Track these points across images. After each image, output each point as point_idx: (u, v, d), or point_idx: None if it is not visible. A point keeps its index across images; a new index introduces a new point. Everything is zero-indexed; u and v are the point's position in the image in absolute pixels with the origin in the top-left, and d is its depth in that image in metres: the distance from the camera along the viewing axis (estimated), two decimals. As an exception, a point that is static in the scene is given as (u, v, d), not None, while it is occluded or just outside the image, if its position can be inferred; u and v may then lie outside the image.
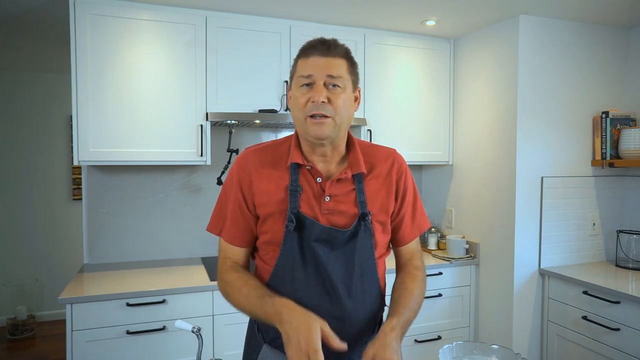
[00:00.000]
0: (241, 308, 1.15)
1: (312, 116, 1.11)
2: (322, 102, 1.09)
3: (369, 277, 1.20)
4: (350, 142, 1.23)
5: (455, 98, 3.00)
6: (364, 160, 1.20)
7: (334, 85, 1.11)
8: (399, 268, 1.30)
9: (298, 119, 1.15)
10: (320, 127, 1.11)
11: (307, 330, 0.98)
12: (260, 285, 1.15)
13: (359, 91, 1.21)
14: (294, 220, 1.13)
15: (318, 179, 1.17)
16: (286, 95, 1.24)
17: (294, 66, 1.17)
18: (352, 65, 1.16)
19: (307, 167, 1.17)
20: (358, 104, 1.20)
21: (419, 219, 1.30)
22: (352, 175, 1.18)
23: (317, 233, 1.13)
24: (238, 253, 1.23)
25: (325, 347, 1.15)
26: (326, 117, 1.11)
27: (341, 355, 1.17)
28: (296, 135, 1.22)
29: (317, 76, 1.10)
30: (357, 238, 1.16)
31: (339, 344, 1.00)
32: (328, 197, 1.16)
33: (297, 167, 1.17)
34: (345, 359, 1.18)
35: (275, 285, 1.17)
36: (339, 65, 1.12)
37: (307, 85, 1.12)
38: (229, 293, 1.18)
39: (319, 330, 0.98)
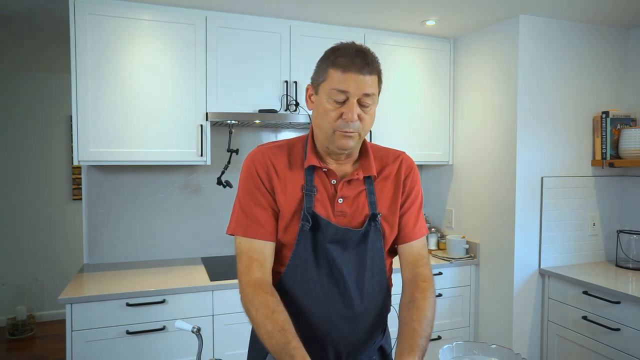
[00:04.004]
0: (261, 336, 1.07)
1: (340, 130, 1.10)
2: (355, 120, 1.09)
3: (379, 278, 1.20)
4: (362, 145, 1.23)
5: (455, 98, 3.00)
6: (375, 163, 1.22)
7: (365, 103, 1.10)
8: (405, 274, 1.24)
9: (324, 130, 1.12)
10: (347, 140, 1.11)
11: None
12: (286, 323, 1.05)
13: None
14: (310, 220, 1.13)
15: (333, 181, 1.18)
16: (305, 96, 1.21)
17: (324, 73, 1.11)
18: (380, 78, 1.15)
19: (324, 170, 1.17)
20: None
21: (421, 222, 1.28)
22: (364, 177, 1.19)
23: (331, 234, 1.13)
24: (263, 250, 1.15)
25: (334, 346, 1.15)
26: (354, 132, 1.11)
27: (351, 356, 1.17)
28: (311, 136, 1.21)
29: (353, 93, 1.08)
30: (368, 239, 1.16)
31: None
32: (341, 199, 1.16)
33: (312, 168, 1.17)
34: None
35: (287, 286, 1.16)
36: (373, 82, 1.10)
37: (339, 100, 1.09)
38: (251, 315, 1.10)
39: None
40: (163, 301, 2.14)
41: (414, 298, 1.16)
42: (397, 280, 1.30)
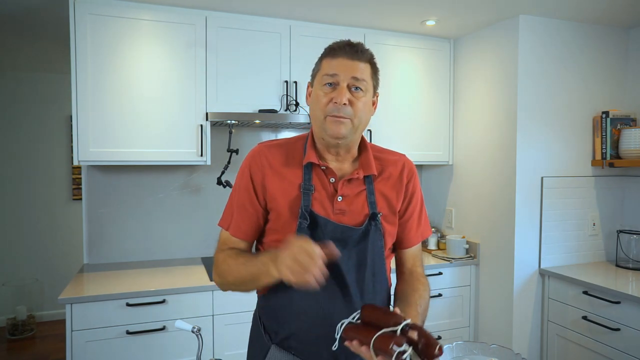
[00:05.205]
0: (237, 276, 1.14)
1: (331, 115, 1.13)
2: (344, 104, 1.11)
3: (379, 277, 1.21)
4: (362, 145, 1.25)
5: (455, 98, 3.00)
6: (375, 163, 1.23)
7: (357, 88, 1.13)
8: (403, 273, 1.30)
9: (317, 117, 1.16)
10: (338, 126, 1.12)
11: (299, 240, 0.99)
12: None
13: (377, 96, 1.23)
14: (308, 218, 1.13)
15: (331, 179, 1.18)
16: (306, 94, 1.25)
17: (318, 64, 1.18)
18: (374, 70, 1.18)
19: (322, 167, 1.18)
20: (375, 108, 1.22)
21: (424, 225, 1.31)
22: (364, 176, 1.20)
23: (330, 231, 1.14)
24: (240, 245, 1.22)
25: (330, 349, 1.15)
26: (345, 117, 1.13)
27: (351, 356, 1.17)
28: (311, 134, 1.23)
29: (342, 77, 1.12)
30: (368, 237, 1.17)
31: (333, 248, 0.99)
32: (340, 197, 1.17)
33: (311, 166, 1.18)
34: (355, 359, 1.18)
35: (287, 284, 1.14)
36: (364, 69, 1.14)
37: (330, 85, 1.13)
38: (225, 270, 1.16)
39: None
40: (163, 301, 2.14)
41: (416, 288, 1.22)
42: (394, 281, 1.30)
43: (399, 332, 0.90)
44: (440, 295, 2.72)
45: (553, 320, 2.54)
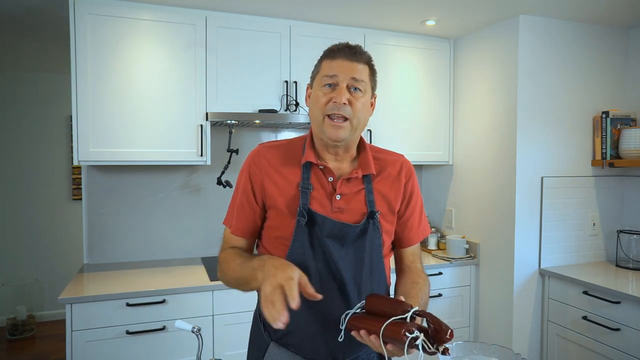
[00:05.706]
0: (233, 277, 1.17)
1: (330, 116, 1.14)
2: (343, 103, 1.13)
3: (377, 275, 1.21)
4: (361, 145, 1.27)
5: (455, 98, 3.00)
6: (374, 163, 1.24)
7: (356, 89, 1.15)
8: (402, 269, 1.32)
9: (316, 118, 1.18)
10: (337, 130, 1.15)
11: (284, 267, 1.00)
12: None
13: (375, 97, 1.25)
14: (305, 215, 1.15)
15: (330, 178, 1.20)
16: (305, 95, 1.28)
17: (318, 66, 1.21)
18: (372, 72, 1.21)
19: (320, 167, 1.20)
20: (373, 109, 1.25)
21: (424, 224, 1.34)
22: (363, 176, 1.21)
23: (328, 228, 1.15)
24: (240, 243, 1.26)
25: (331, 343, 1.15)
26: (345, 119, 1.14)
27: (349, 353, 1.18)
28: (310, 134, 1.25)
29: (341, 77, 1.14)
30: (366, 235, 1.18)
31: (313, 292, 1.00)
32: (339, 196, 1.19)
33: (309, 165, 1.20)
34: (353, 356, 1.18)
35: None
36: (362, 70, 1.17)
37: (330, 85, 1.15)
38: (225, 269, 1.20)
39: (297, 271, 1.00)
40: (163, 301, 2.14)
41: (416, 281, 1.23)
42: (393, 280, 1.31)
43: (408, 319, 0.90)
44: (440, 295, 2.72)
45: (553, 320, 2.54)
